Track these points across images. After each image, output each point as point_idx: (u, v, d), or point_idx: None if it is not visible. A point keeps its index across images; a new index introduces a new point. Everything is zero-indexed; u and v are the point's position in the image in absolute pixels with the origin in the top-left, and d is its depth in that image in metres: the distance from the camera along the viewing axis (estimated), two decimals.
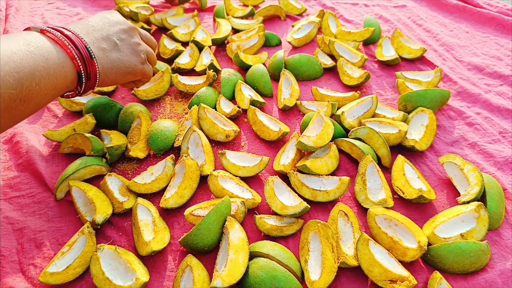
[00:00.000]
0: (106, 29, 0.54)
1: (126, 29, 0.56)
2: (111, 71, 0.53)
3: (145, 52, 0.59)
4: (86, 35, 0.50)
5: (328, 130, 0.61)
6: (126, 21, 0.58)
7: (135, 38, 0.58)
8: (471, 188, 0.54)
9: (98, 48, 0.51)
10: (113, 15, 0.58)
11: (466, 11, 0.95)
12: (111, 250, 0.48)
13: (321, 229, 0.50)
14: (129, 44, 0.56)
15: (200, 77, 0.77)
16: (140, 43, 0.58)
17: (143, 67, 0.59)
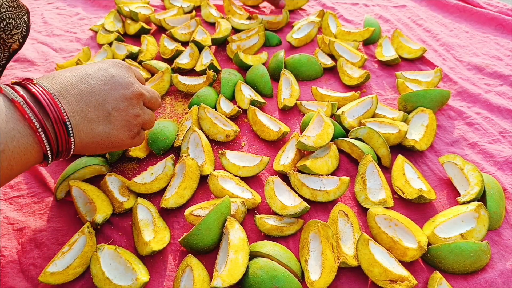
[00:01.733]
0: (105, 93, 0.44)
1: (129, 96, 0.47)
2: (92, 145, 0.45)
3: (141, 124, 0.50)
4: (75, 102, 0.41)
5: (328, 130, 0.61)
6: (133, 83, 0.48)
7: (136, 108, 0.48)
8: (471, 188, 0.54)
9: (84, 119, 0.42)
10: (121, 72, 0.47)
11: (466, 11, 0.95)
12: (111, 250, 0.48)
13: (321, 229, 0.50)
14: (125, 116, 0.46)
15: (200, 77, 0.77)
16: (140, 115, 0.49)
17: (132, 141, 0.50)
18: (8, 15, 0.50)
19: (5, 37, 0.51)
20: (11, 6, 0.51)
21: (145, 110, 0.50)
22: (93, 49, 0.91)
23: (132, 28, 0.94)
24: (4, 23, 0.50)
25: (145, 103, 0.50)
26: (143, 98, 0.49)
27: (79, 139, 0.42)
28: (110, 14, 1.00)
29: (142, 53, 0.85)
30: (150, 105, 0.52)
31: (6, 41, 0.51)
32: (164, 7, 1.06)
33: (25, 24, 0.54)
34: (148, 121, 0.51)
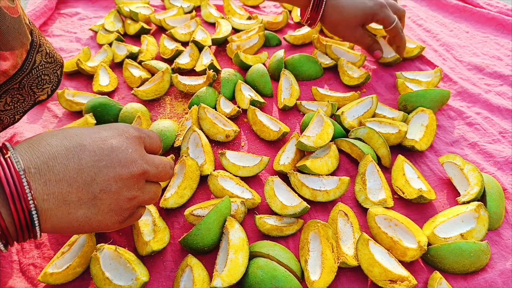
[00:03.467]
0: (96, 170, 0.37)
1: (126, 176, 0.38)
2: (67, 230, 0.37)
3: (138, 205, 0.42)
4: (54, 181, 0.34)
5: (328, 130, 0.61)
6: (136, 159, 0.39)
7: (132, 190, 0.39)
8: (471, 188, 0.54)
9: (61, 202, 0.35)
10: (125, 144, 0.39)
11: (466, 11, 0.95)
12: (111, 250, 0.48)
13: (321, 229, 0.50)
14: (115, 199, 0.38)
15: (200, 77, 0.77)
16: (136, 197, 0.40)
17: (121, 224, 0.41)
18: (44, 71, 0.49)
19: (36, 91, 0.49)
20: (48, 62, 0.49)
21: (146, 188, 0.41)
22: (93, 49, 0.91)
23: (132, 28, 0.94)
24: (39, 80, 0.48)
25: (149, 179, 0.42)
26: (146, 176, 0.41)
27: (50, 225, 0.35)
28: (110, 14, 1.00)
29: (142, 53, 0.85)
30: (156, 180, 0.44)
31: (36, 93, 0.49)
32: (164, 7, 1.06)
33: (57, 78, 0.52)
34: (148, 200, 0.42)
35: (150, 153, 0.43)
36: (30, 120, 0.71)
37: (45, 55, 0.48)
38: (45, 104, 0.76)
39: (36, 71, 0.47)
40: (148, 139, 0.43)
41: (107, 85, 0.78)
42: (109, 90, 0.78)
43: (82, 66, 0.80)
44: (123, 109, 0.69)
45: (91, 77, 0.81)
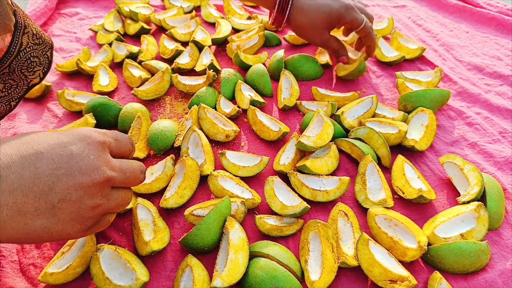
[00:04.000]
0: (54, 179, 0.35)
1: (87, 184, 0.36)
2: (25, 240, 0.36)
3: (103, 213, 0.40)
4: (8, 191, 0.33)
5: (328, 130, 0.61)
6: (99, 166, 0.37)
7: (95, 198, 0.37)
8: (471, 188, 0.54)
9: (16, 213, 0.33)
10: (86, 150, 0.37)
11: (466, 11, 0.95)
12: (111, 250, 0.48)
13: (321, 229, 0.50)
14: (76, 208, 0.36)
15: (200, 77, 0.77)
16: (99, 205, 0.38)
17: (85, 233, 0.40)
18: (32, 53, 0.48)
19: (27, 74, 0.48)
20: (36, 43, 0.48)
21: (113, 195, 0.40)
22: (93, 49, 0.91)
23: (132, 28, 0.94)
24: (28, 62, 0.48)
25: (116, 185, 0.40)
26: (112, 182, 0.39)
27: (5, 236, 0.34)
28: (110, 14, 1.00)
29: (142, 53, 0.85)
30: (124, 185, 0.41)
31: (27, 77, 0.49)
32: (164, 7, 1.06)
33: (48, 60, 0.51)
34: (115, 206, 0.40)
35: (119, 157, 0.42)
36: (30, 120, 0.71)
37: (32, 36, 0.47)
38: (45, 104, 0.76)
39: (24, 53, 0.47)
40: (115, 143, 0.41)
41: (107, 85, 0.78)
42: (109, 90, 0.78)
43: (82, 66, 0.80)
44: (123, 109, 0.69)
45: (91, 77, 0.81)
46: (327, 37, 0.72)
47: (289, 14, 0.69)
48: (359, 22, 0.69)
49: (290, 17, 0.70)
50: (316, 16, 0.68)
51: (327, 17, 0.68)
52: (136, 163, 0.43)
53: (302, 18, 0.69)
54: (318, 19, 0.68)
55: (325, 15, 0.68)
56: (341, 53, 0.75)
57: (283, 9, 0.68)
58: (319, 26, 0.70)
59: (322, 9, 0.68)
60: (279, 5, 0.68)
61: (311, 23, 0.69)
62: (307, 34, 0.73)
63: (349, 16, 0.68)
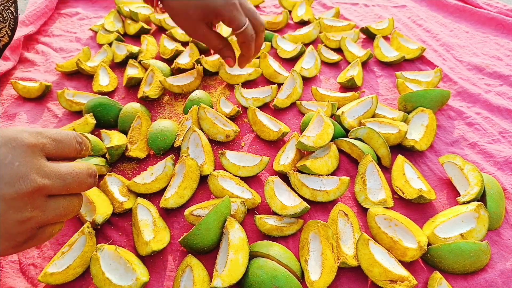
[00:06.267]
0: None
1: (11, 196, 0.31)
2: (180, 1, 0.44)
3: (39, 225, 0.34)
4: None
5: (328, 130, 0.61)
6: (26, 174, 0.31)
7: (24, 211, 0.32)
8: (471, 188, 0.54)
9: None
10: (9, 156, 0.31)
11: (466, 11, 0.95)
12: (111, 250, 0.48)
13: (321, 229, 0.50)
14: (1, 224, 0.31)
15: (190, 75, 0.77)
16: (30, 218, 0.32)
17: (19, 248, 0.34)
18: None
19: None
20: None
21: (50, 205, 0.34)
22: (93, 49, 0.91)
23: (132, 28, 0.94)
24: None
25: (53, 193, 0.34)
26: (46, 191, 0.33)
27: None
28: (110, 14, 1.00)
29: (142, 53, 0.85)
30: (65, 192, 0.35)
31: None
32: None
33: (12, 15, 0.48)
34: (54, 217, 0.34)
35: (60, 159, 0.36)
36: (30, 120, 0.71)
37: None
38: (45, 104, 0.76)
39: None
40: (52, 144, 0.35)
41: (107, 85, 0.78)
42: (109, 90, 0.78)
43: (82, 66, 0.80)
44: (123, 109, 0.69)
45: (91, 77, 0.81)
46: (204, 31, 0.61)
47: None
48: (239, 24, 0.60)
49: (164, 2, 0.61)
50: (189, 4, 0.59)
51: (202, 8, 0.59)
52: (83, 165, 0.37)
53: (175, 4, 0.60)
54: (191, 8, 0.59)
55: (200, 5, 0.58)
56: (226, 54, 0.65)
57: None
58: (193, 16, 0.60)
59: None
60: None
61: (184, 12, 0.60)
62: (181, 23, 0.62)
63: (228, 13, 0.59)
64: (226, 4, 0.58)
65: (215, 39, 0.63)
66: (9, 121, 0.71)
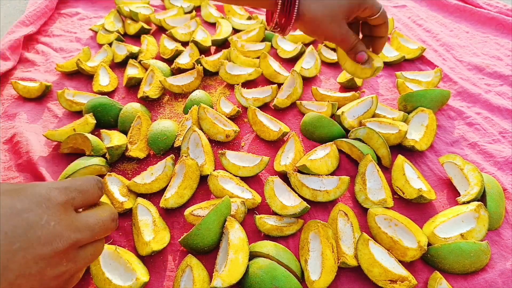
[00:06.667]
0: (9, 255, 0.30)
1: (49, 255, 0.32)
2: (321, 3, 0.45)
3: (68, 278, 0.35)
4: None
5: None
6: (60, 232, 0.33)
7: (59, 267, 0.33)
8: (471, 188, 0.54)
9: None
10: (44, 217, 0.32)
11: (466, 11, 0.95)
12: (111, 250, 0.48)
13: (321, 229, 0.50)
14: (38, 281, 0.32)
15: (190, 74, 0.78)
16: (65, 272, 0.34)
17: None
18: None
19: None
20: None
21: (80, 256, 0.35)
22: (93, 49, 0.91)
23: (132, 28, 0.94)
24: None
25: (83, 244, 0.35)
26: (78, 244, 0.34)
27: None
28: (110, 14, 1.00)
29: (142, 53, 0.85)
30: (93, 240, 0.37)
31: None
32: (164, 7, 1.06)
33: None
34: (84, 265, 0.36)
35: (86, 208, 0.37)
36: (30, 120, 0.72)
37: None
38: (45, 104, 0.76)
39: None
40: (79, 197, 0.36)
41: (107, 85, 0.78)
42: (109, 90, 0.78)
43: (82, 66, 0.80)
44: (123, 109, 0.69)
45: (91, 77, 0.81)
46: (346, 28, 0.59)
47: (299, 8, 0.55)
48: (377, 8, 0.59)
49: (301, 11, 0.56)
50: (333, 4, 0.56)
51: (348, 3, 0.56)
52: (106, 211, 0.38)
53: (318, 7, 0.56)
54: (336, 7, 0.56)
55: (346, 1, 0.56)
56: (359, 48, 0.61)
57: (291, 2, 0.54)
58: (339, 15, 0.57)
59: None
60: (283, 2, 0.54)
61: (330, 13, 0.56)
62: (323, 28, 0.58)
63: (369, 1, 0.57)
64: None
65: (353, 35, 0.60)
66: (9, 121, 0.71)
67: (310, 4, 0.55)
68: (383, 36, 0.62)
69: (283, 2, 0.54)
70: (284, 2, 0.54)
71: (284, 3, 0.54)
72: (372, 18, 0.60)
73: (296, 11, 0.54)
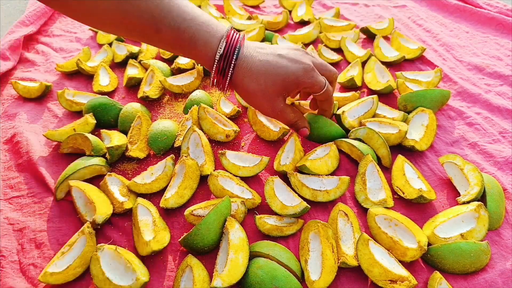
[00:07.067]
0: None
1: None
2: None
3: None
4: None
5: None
6: None
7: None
8: (471, 188, 0.54)
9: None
10: None
11: (466, 11, 0.95)
12: (111, 250, 0.48)
13: (321, 229, 0.50)
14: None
15: (190, 75, 0.77)
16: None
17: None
18: None
19: None
20: None
21: None
22: (93, 49, 0.91)
23: None
24: None
25: None
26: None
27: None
28: None
29: (142, 53, 0.85)
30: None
31: None
32: None
33: None
34: None
35: None
36: (30, 120, 0.72)
37: None
38: (45, 104, 0.76)
39: None
40: None
41: (107, 85, 0.78)
42: (109, 90, 0.78)
43: (82, 66, 0.80)
44: (123, 109, 0.69)
45: (91, 77, 0.81)
46: (281, 106, 0.56)
47: (233, 76, 0.53)
48: (320, 86, 0.56)
49: (234, 80, 0.53)
50: (267, 80, 0.53)
51: (281, 81, 0.53)
52: None
53: (250, 82, 0.53)
54: (269, 84, 0.53)
55: (280, 79, 0.53)
56: (301, 125, 0.60)
57: (224, 70, 0.52)
58: (272, 93, 0.54)
59: (275, 71, 0.53)
60: (218, 64, 0.52)
61: (261, 89, 0.53)
62: (255, 102, 0.56)
63: (309, 80, 0.55)
64: (305, 71, 0.54)
65: (291, 113, 0.58)
66: (9, 121, 0.71)
67: (243, 78, 0.53)
68: (325, 110, 0.62)
69: (218, 67, 0.52)
70: (219, 69, 0.52)
71: (219, 69, 0.52)
72: (316, 95, 0.59)
73: (228, 80, 0.53)
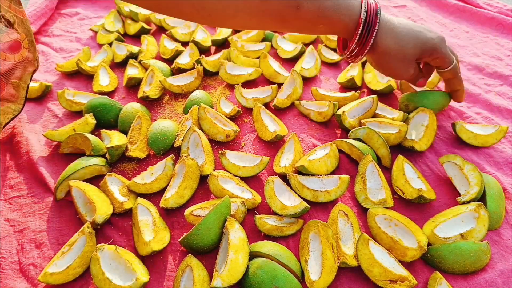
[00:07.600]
0: None
1: None
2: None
3: None
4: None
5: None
6: None
7: None
8: (471, 188, 0.54)
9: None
10: None
11: (466, 11, 0.95)
12: (111, 250, 0.48)
13: (321, 229, 0.50)
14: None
15: (190, 75, 0.77)
16: None
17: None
18: None
19: None
20: None
21: None
22: (93, 49, 0.91)
23: (132, 28, 0.94)
24: None
25: None
26: None
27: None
28: (110, 14, 1.00)
29: (142, 53, 0.85)
30: None
31: None
32: None
33: None
34: None
35: None
36: (30, 120, 0.71)
37: None
38: (45, 104, 0.76)
39: None
40: None
41: (107, 85, 0.78)
42: (109, 90, 0.78)
43: (82, 66, 0.80)
44: (123, 109, 0.69)
45: (91, 77, 0.81)
46: (415, 71, 0.59)
47: (376, 38, 0.55)
48: (450, 60, 0.58)
49: (376, 41, 0.55)
50: (409, 42, 0.55)
51: (421, 45, 0.56)
52: None
53: (391, 42, 0.55)
54: (410, 46, 0.56)
55: (420, 43, 0.56)
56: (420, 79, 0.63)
57: (369, 29, 0.53)
58: (410, 55, 0.57)
59: (415, 35, 0.55)
60: (364, 23, 0.53)
61: (401, 50, 0.56)
62: (391, 64, 0.58)
63: (444, 50, 0.57)
64: (442, 41, 0.57)
65: (419, 74, 0.62)
66: None
67: (386, 38, 0.55)
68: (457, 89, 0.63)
69: (361, 31, 0.54)
70: (363, 31, 0.54)
71: (363, 32, 0.54)
72: (440, 71, 0.60)
73: (372, 41, 0.55)
